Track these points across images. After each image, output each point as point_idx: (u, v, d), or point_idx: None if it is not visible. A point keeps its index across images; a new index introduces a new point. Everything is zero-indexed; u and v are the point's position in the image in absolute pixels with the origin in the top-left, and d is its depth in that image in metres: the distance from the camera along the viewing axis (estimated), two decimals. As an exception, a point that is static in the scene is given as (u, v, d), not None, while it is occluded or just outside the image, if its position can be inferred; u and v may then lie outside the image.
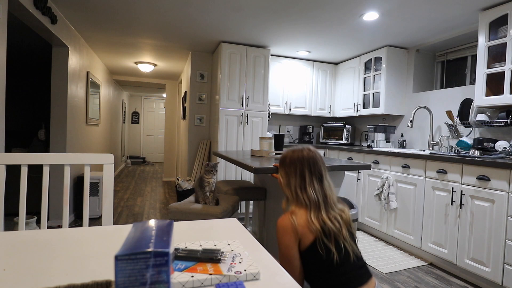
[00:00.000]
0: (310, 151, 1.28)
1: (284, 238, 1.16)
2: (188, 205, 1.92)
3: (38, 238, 0.83)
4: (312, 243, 1.13)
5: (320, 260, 1.12)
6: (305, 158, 1.26)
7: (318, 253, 1.12)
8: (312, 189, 1.21)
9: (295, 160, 1.27)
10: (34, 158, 1.21)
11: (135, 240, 0.44)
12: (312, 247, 1.13)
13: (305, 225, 1.15)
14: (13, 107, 4.61)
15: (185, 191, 4.06)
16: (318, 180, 1.24)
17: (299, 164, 1.25)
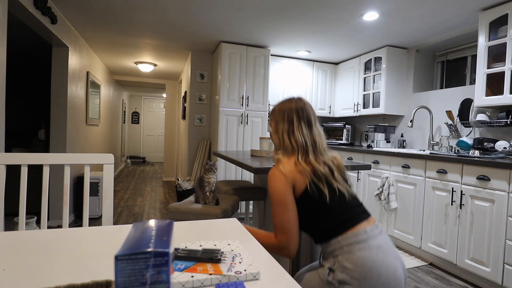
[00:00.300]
0: (299, 100, 1.27)
1: (277, 185, 1.12)
2: (188, 205, 1.92)
3: (38, 238, 0.83)
4: (305, 188, 1.11)
5: (316, 204, 1.10)
6: (293, 105, 1.25)
7: (313, 196, 1.10)
8: (300, 133, 1.20)
9: (284, 108, 1.26)
10: (34, 158, 1.21)
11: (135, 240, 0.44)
12: (306, 191, 1.11)
13: (294, 170, 1.13)
14: (13, 107, 4.61)
15: (185, 191, 4.06)
16: (306, 125, 1.22)
17: (288, 110, 1.24)
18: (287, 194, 1.11)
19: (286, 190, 1.11)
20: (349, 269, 0.99)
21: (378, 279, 0.98)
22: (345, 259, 1.01)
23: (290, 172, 1.13)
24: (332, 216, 1.09)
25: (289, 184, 1.12)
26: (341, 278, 1.00)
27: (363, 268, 0.98)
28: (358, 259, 0.99)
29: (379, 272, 0.98)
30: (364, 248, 1.01)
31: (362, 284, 0.97)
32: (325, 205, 1.10)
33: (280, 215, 1.11)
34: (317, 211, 1.11)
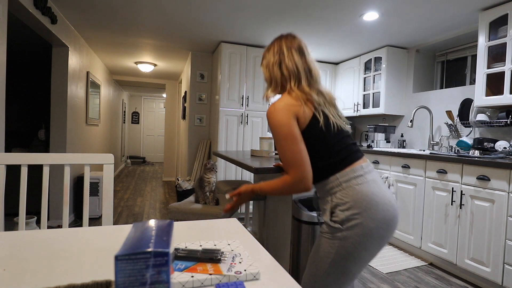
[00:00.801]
0: (288, 33, 1.23)
1: (280, 118, 1.06)
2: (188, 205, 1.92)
3: (38, 238, 0.83)
4: (311, 121, 1.08)
5: (317, 137, 1.08)
6: (282, 38, 1.21)
7: (318, 129, 1.07)
8: (291, 60, 1.15)
9: (273, 43, 1.22)
10: (34, 158, 1.21)
11: (135, 240, 0.44)
12: (310, 124, 1.08)
13: (291, 101, 1.09)
14: (13, 107, 4.61)
15: (185, 191, 4.06)
16: (298, 53, 1.16)
17: (277, 43, 1.20)
18: (294, 126, 1.06)
19: (291, 121, 1.06)
20: (350, 203, 1.02)
21: (378, 208, 1.01)
22: (344, 195, 1.03)
23: (289, 105, 1.08)
24: (332, 154, 1.08)
25: (291, 115, 1.07)
26: (343, 217, 1.02)
27: (364, 201, 1.01)
28: (358, 193, 1.02)
29: (377, 201, 1.02)
30: (362, 183, 1.04)
31: (364, 216, 1.00)
32: (325, 140, 1.08)
33: (291, 148, 1.05)
34: (318, 147, 1.09)
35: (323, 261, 1.06)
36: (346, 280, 1.05)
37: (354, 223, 1.01)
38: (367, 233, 1.01)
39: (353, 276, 1.06)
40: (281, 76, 1.16)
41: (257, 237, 2.48)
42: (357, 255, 1.02)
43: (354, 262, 1.03)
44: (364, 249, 1.02)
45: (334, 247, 1.04)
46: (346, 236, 1.01)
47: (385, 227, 1.02)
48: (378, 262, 2.62)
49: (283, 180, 1.09)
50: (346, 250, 1.02)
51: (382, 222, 1.02)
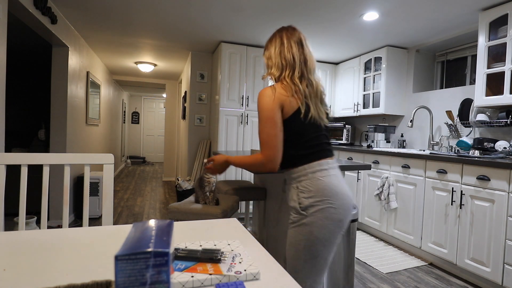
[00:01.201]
0: (289, 26, 1.34)
1: (266, 102, 1.19)
2: (188, 205, 1.92)
3: (38, 238, 0.83)
4: (294, 112, 1.19)
5: (297, 129, 1.20)
6: (283, 29, 1.32)
7: (298, 119, 1.19)
8: (290, 51, 1.26)
9: (275, 34, 1.33)
10: (34, 158, 1.21)
11: (135, 240, 0.44)
12: (293, 116, 1.19)
13: (284, 93, 1.20)
14: (13, 107, 4.61)
15: (185, 191, 4.06)
16: (296, 44, 1.28)
17: (278, 34, 1.31)
18: (276, 112, 1.18)
19: (275, 108, 1.18)
20: (314, 192, 1.17)
21: (337, 196, 1.18)
22: (309, 184, 1.18)
23: (279, 94, 1.19)
24: (306, 146, 1.21)
25: (277, 103, 1.18)
26: (307, 203, 1.17)
27: (325, 190, 1.17)
28: (321, 184, 1.18)
29: (337, 191, 1.18)
30: (325, 176, 1.19)
31: (326, 203, 1.16)
32: (302, 133, 1.21)
33: (269, 131, 1.18)
34: (294, 136, 1.21)
35: (297, 251, 1.19)
36: (322, 265, 1.20)
37: (317, 209, 1.16)
38: (329, 216, 1.16)
39: (326, 260, 1.20)
40: (280, 64, 1.26)
41: (257, 237, 2.48)
42: (322, 237, 1.16)
43: (323, 245, 1.17)
44: (328, 231, 1.17)
45: (303, 233, 1.17)
46: (311, 221, 1.16)
47: (342, 212, 1.18)
48: (378, 262, 2.62)
49: (254, 157, 1.24)
50: (313, 234, 1.16)
51: (340, 208, 1.18)
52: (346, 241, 1.84)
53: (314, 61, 1.31)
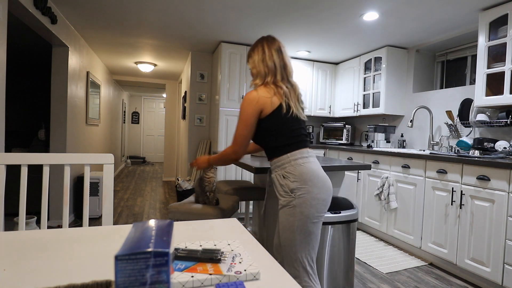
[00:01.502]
0: (268, 35, 1.54)
1: (247, 108, 1.40)
2: (188, 205, 1.92)
3: (38, 238, 0.83)
4: (276, 109, 1.39)
5: (279, 122, 1.40)
6: (263, 39, 1.51)
7: (279, 116, 1.39)
8: (271, 59, 1.45)
9: (256, 43, 1.52)
10: (34, 158, 1.21)
11: (135, 240, 0.44)
12: (274, 112, 1.39)
13: (265, 93, 1.40)
14: (13, 107, 4.62)
15: (185, 191, 4.06)
16: (277, 52, 1.47)
17: (260, 44, 1.50)
18: (252, 117, 1.40)
19: (253, 114, 1.40)
20: (297, 176, 1.36)
21: (318, 179, 1.38)
22: (292, 169, 1.38)
23: (264, 98, 1.40)
24: (288, 138, 1.41)
25: (257, 109, 1.40)
26: (292, 187, 1.36)
27: (307, 174, 1.36)
28: (302, 169, 1.37)
29: (318, 175, 1.38)
30: (305, 162, 1.39)
31: (309, 185, 1.35)
32: (284, 126, 1.40)
33: (241, 131, 1.42)
34: (277, 130, 1.40)
35: (292, 232, 1.36)
36: (313, 241, 1.39)
37: (303, 191, 1.35)
38: (314, 196, 1.35)
39: (317, 236, 1.39)
40: (263, 70, 1.46)
41: (257, 237, 2.48)
42: (312, 215, 1.35)
43: (312, 223, 1.36)
44: (315, 209, 1.36)
45: (294, 214, 1.35)
46: (299, 203, 1.35)
47: (325, 191, 1.38)
48: (378, 262, 2.62)
49: (224, 151, 1.51)
50: (303, 213, 1.35)
51: (322, 188, 1.37)
52: (346, 241, 1.84)
53: (291, 66, 1.51)
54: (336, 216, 1.78)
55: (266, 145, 1.46)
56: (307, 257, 1.38)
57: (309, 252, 1.38)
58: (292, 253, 1.37)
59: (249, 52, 1.55)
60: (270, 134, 1.42)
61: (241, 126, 1.42)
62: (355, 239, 1.91)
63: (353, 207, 1.89)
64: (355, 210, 1.87)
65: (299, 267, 1.37)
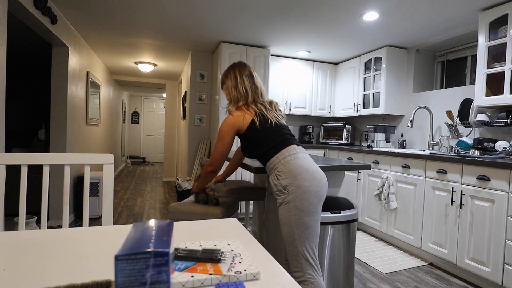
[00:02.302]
0: (238, 62, 1.68)
1: (225, 128, 1.56)
2: (188, 205, 1.92)
3: (38, 238, 0.83)
4: (250, 122, 1.53)
5: (257, 132, 1.52)
6: (235, 66, 1.66)
7: (255, 128, 1.52)
8: (242, 85, 1.60)
9: (228, 71, 1.66)
10: (34, 158, 1.21)
11: (135, 240, 0.44)
12: (250, 126, 1.53)
13: (240, 114, 1.55)
14: (13, 107, 4.61)
15: (185, 191, 4.06)
16: (247, 77, 1.62)
17: (232, 71, 1.65)
18: (229, 136, 1.56)
19: (229, 133, 1.56)
20: (287, 173, 1.43)
21: (308, 172, 1.44)
22: (283, 167, 1.46)
23: (236, 118, 1.55)
24: (271, 141, 1.52)
25: (233, 130, 1.55)
26: (284, 184, 1.44)
27: (296, 170, 1.43)
28: (292, 165, 1.45)
29: (307, 168, 1.45)
30: (294, 159, 1.47)
31: (299, 179, 1.42)
32: (264, 132, 1.52)
33: (219, 148, 1.59)
34: (260, 138, 1.52)
35: (290, 227, 1.42)
36: (311, 233, 1.43)
37: (294, 186, 1.41)
38: (305, 190, 1.41)
39: (315, 229, 1.44)
40: (237, 95, 1.61)
41: (257, 237, 2.48)
42: (306, 208, 1.41)
43: (308, 216, 1.41)
44: (309, 202, 1.41)
45: (289, 209, 1.42)
46: (293, 198, 1.41)
47: (316, 183, 1.43)
48: (378, 262, 2.62)
49: (203, 169, 1.70)
50: (297, 207, 1.41)
51: (312, 181, 1.43)
52: (346, 241, 1.84)
53: (262, 87, 1.66)
54: (336, 216, 1.78)
55: (256, 154, 1.58)
56: (308, 250, 1.42)
57: (309, 245, 1.42)
58: (293, 247, 1.42)
59: (222, 78, 1.69)
60: (255, 144, 1.54)
61: (219, 144, 1.58)
62: (355, 239, 1.91)
63: (353, 207, 1.89)
64: (355, 210, 1.87)
65: (301, 260, 1.42)
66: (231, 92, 1.62)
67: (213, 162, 1.63)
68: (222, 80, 1.69)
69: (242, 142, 1.62)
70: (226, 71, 1.67)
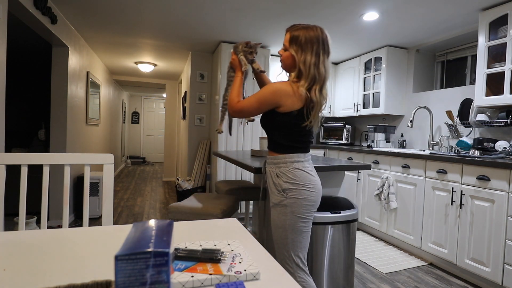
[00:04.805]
0: (322, 31, 1.43)
1: (272, 97, 1.37)
2: (188, 205, 1.92)
3: (38, 238, 0.83)
4: (295, 110, 1.36)
5: (292, 124, 1.38)
6: (320, 37, 1.40)
7: (294, 117, 1.37)
8: (323, 66, 1.39)
9: (312, 38, 1.38)
10: (34, 158, 1.21)
11: (135, 240, 0.44)
12: (291, 112, 1.36)
13: (291, 93, 1.35)
14: (13, 107, 4.61)
15: (185, 191, 4.06)
16: (328, 59, 1.42)
17: (316, 42, 1.38)
18: (268, 105, 1.38)
19: (272, 102, 1.37)
20: (290, 178, 1.39)
21: (310, 181, 1.41)
22: (286, 171, 1.40)
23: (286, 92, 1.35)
24: (293, 140, 1.42)
25: (275, 100, 1.36)
26: (285, 187, 1.40)
27: (300, 177, 1.40)
28: (296, 172, 1.40)
29: (310, 178, 1.42)
30: (300, 166, 1.42)
31: (301, 186, 1.39)
32: (295, 129, 1.40)
33: (252, 105, 1.41)
34: (288, 129, 1.40)
35: (284, 230, 1.41)
36: (304, 239, 1.43)
37: (294, 193, 1.39)
38: (305, 198, 1.39)
39: (307, 234, 1.44)
40: (314, 77, 1.37)
41: (257, 237, 2.48)
42: (302, 214, 1.40)
43: (303, 222, 1.41)
44: (305, 210, 1.40)
45: (286, 213, 1.40)
46: (291, 203, 1.39)
47: (315, 194, 1.42)
48: (378, 262, 2.62)
49: (236, 99, 1.48)
50: (294, 213, 1.39)
51: (313, 191, 1.41)
52: (346, 241, 1.84)
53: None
54: (336, 216, 1.78)
55: (270, 136, 1.48)
56: (299, 255, 1.43)
57: (301, 250, 1.43)
58: (285, 251, 1.42)
59: (296, 39, 1.38)
60: (278, 129, 1.42)
61: (256, 103, 1.40)
62: (355, 239, 1.91)
63: (353, 207, 1.89)
64: (355, 210, 1.87)
65: (292, 264, 1.42)
66: (307, 67, 1.35)
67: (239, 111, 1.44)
68: (297, 43, 1.37)
69: (270, 115, 1.42)
70: (307, 35, 1.37)
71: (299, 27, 1.41)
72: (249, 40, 1.63)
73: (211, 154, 4.22)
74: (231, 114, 1.51)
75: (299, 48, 1.38)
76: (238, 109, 1.45)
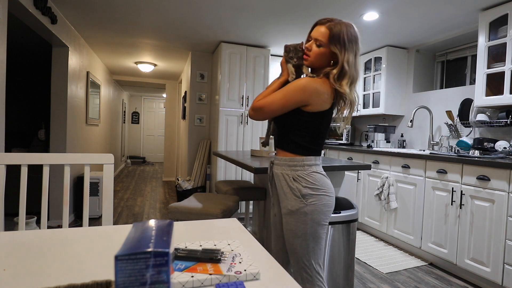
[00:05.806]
0: (356, 30, 1.33)
1: (301, 94, 1.26)
2: (188, 205, 1.92)
3: (38, 238, 0.83)
4: (323, 110, 1.29)
5: (315, 124, 1.31)
6: (358, 37, 1.33)
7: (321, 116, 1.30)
8: (358, 65, 1.33)
9: (353, 38, 1.30)
10: (34, 158, 1.21)
11: (135, 240, 0.44)
12: (319, 112, 1.29)
13: (324, 92, 1.27)
14: (13, 107, 4.61)
15: (185, 191, 4.06)
16: (359, 57, 1.35)
17: (355, 43, 1.31)
18: (295, 103, 1.28)
19: (300, 100, 1.27)
20: (310, 183, 1.31)
21: (329, 186, 1.35)
22: (303, 175, 1.31)
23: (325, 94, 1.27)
24: (312, 142, 1.34)
25: (303, 98, 1.26)
26: (304, 192, 1.31)
27: (320, 181, 1.32)
28: (315, 176, 1.32)
29: (328, 183, 1.35)
30: (318, 170, 1.35)
31: (321, 192, 1.32)
32: (317, 131, 1.33)
33: (276, 103, 1.29)
34: (309, 129, 1.32)
35: (304, 239, 1.33)
36: (321, 243, 1.38)
37: (315, 199, 1.31)
38: (325, 203, 1.33)
39: (323, 239, 1.38)
40: (353, 76, 1.29)
41: (257, 237, 2.48)
42: (322, 221, 1.34)
43: (322, 228, 1.35)
44: (325, 216, 1.34)
45: (306, 222, 1.31)
46: (311, 210, 1.31)
47: (333, 198, 1.37)
48: (378, 262, 2.62)
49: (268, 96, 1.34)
50: (314, 220, 1.32)
51: (332, 195, 1.36)
52: (346, 241, 1.84)
53: None
54: (336, 216, 1.78)
55: (288, 135, 1.34)
56: (319, 262, 1.37)
57: (319, 257, 1.37)
58: (306, 260, 1.34)
59: (337, 36, 1.28)
60: (300, 129, 1.31)
61: (283, 99, 1.28)
62: (355, 239, 1.91)
63: (353, 207, 1.89)
64: (355, 210, 1.87)
65: (312, 273, 1.35)
66: (350, 66, 1.27)
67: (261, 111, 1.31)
68: (337, 40, 1.28)
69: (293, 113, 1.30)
70: (348, 33, 1.28)
71: (337, 22, 1.30)
72: (299, 43, 1.57)
73: (211, 154, 4.22)
74: (249, 114, 1.36)
75: (342, 46, 1.27)
76: (258, 106, 1.30)
